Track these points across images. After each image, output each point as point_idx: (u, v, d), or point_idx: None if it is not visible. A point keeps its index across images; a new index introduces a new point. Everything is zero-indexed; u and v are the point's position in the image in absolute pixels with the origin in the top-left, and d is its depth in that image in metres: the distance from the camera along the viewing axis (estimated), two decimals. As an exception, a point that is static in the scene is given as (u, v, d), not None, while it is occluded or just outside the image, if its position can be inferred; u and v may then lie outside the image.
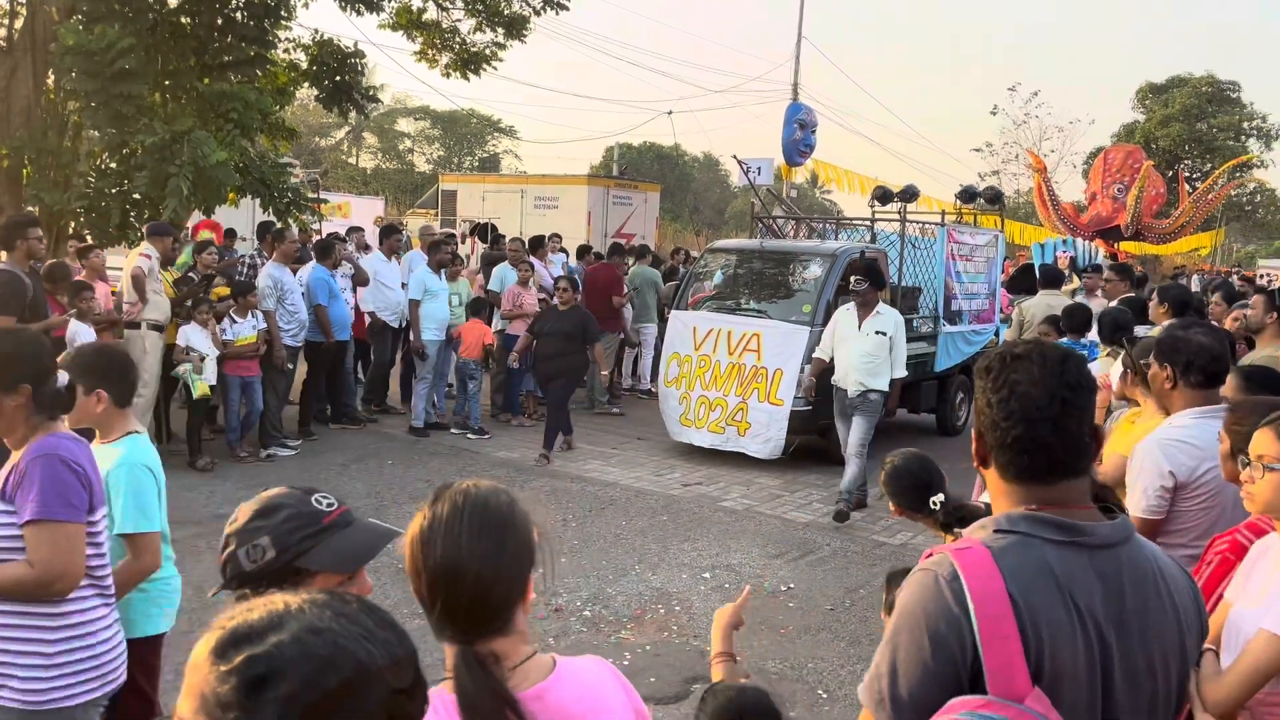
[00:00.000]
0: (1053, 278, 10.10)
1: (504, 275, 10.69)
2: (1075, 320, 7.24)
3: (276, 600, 0.94)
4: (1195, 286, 18.08)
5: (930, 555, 1.62)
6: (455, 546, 1.45)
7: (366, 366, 10.75)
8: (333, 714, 0.88)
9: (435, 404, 10.03)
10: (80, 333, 6.99)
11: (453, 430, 9.68)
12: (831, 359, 7.64)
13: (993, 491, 1.67)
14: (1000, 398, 1.59)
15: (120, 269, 8.04)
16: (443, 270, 9.78)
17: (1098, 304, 8.53)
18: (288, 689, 0.86)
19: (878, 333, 7.34)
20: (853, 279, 7.44)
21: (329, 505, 1.63)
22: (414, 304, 9.52)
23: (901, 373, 7.49)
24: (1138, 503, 3.14)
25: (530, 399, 10.65)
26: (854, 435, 7.43)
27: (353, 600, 0.98)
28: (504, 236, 12.93)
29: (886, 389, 7.43)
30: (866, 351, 7.33)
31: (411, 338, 9.62)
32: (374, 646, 0.92)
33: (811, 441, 9.15)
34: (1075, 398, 1.57)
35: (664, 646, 5.10)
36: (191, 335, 7.89)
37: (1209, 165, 37.49)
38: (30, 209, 9.81)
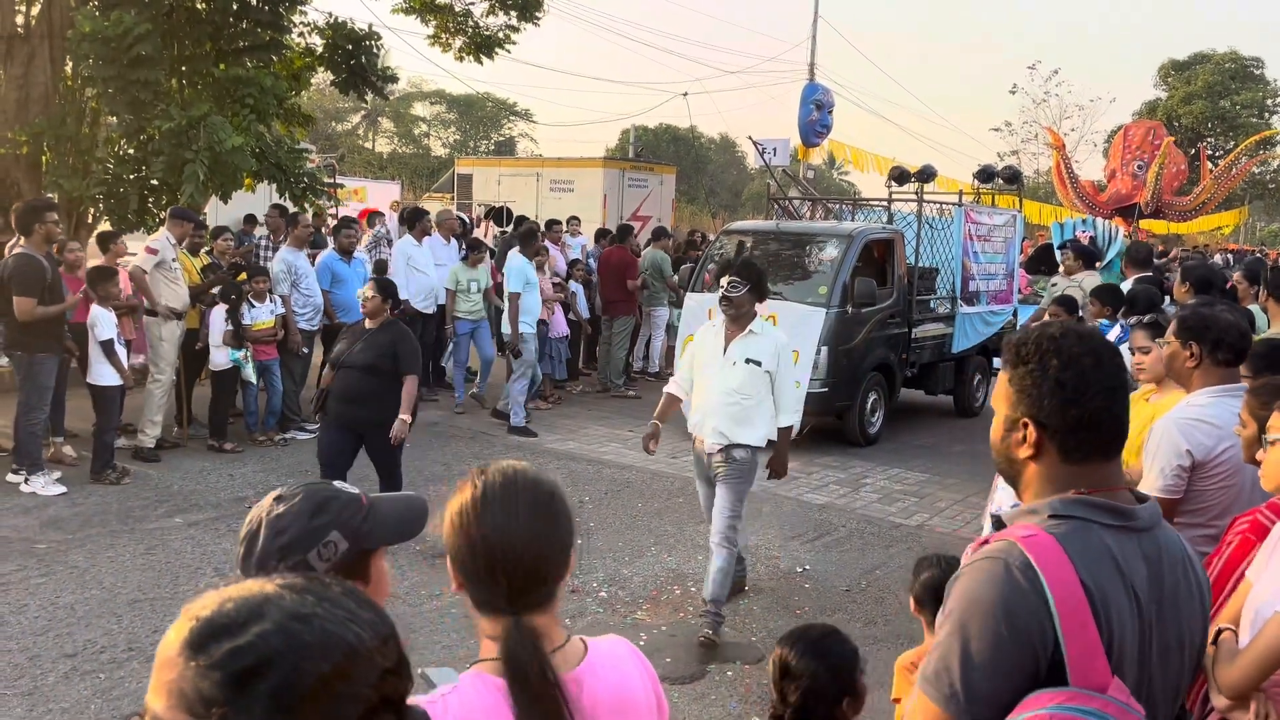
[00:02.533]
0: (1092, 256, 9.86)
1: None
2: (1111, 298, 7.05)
3: (252, 587, 0.91)
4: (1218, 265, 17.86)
5: (985, 543, 1.59)
6: (512, 518, 1.46)
7: None
8: (326, 700, 0.86)
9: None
10: (101, 318, 7.06)
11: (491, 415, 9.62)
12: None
13: (1038, 479, 1.65)
14: (1076, 374, 1.58)
15: (138, 254, 8.10)
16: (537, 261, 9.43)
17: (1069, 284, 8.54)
18: (278, 679, 0.84)
19: (749, 361, 5.03)
20: (725, 280, 5.05)
21: (355, 489, 1.64)
22: (514, 297, 9.03)
23: (791, 419, 5.29)
24: (1154, 482, 3.12)
25: (546, 382, 10.68)
26: (717, 514, 5.05)
27: (332, 583, 0.96)
28: (525, 219, 12.89)
29: (762, 443, 5.12)
30: (731, 388, 5.04)
31: (508, 334, 9.08)
32: (360, 628, 0.90)
33: (828, 423, 9.14)
34: (1124, 376, 1.64)
35: (680, 627, 5.13)
36: (214, 320, 7.97)
37: (1231, 143, 37.01)
38: (49, 195, 9.88)
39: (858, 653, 2.38)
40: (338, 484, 1.64)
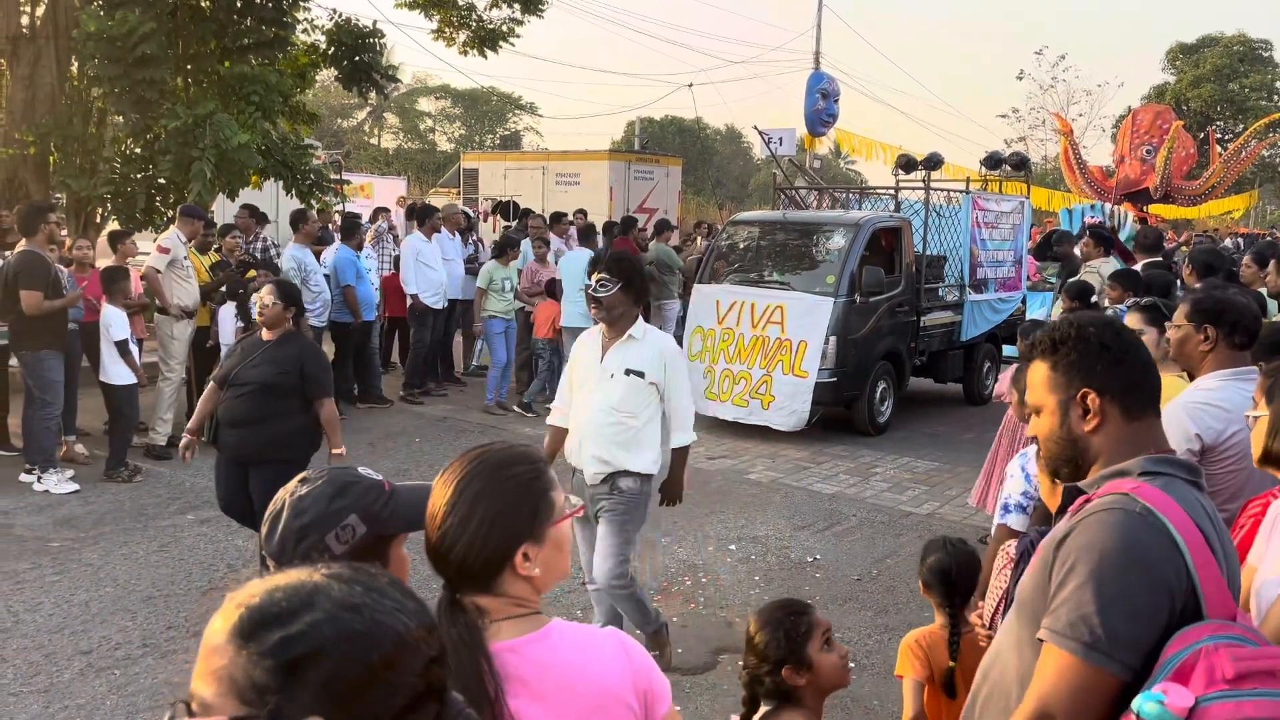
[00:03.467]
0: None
1: (527, 253, 10.69)
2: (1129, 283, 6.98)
3: (299, 576, 0.92)
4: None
5: (1090, 500, 1.65)
6: (434, 505, 1.52)
7: (405, 350, 10.68)
8: (375, 689, 0.87)
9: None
10: (115, 319, 7.07)
11: (516, 410, 9.67)
12: None
13: (1113, 447, 1.74)
14: (1115, 337, 1.76)
15: (149, 254, 8.12)
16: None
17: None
18: (330, 668, 0.85)
19: (629, 373, 4.18)
20: (594, 278, 4.16)
21: (378, 475, 1.67)
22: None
23: (687, 438, 4.36)
24: (1164, 467, 3.11)
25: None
26: (600, 559, 4.20)
27: (378, 573, 0.97)
28: (531, 212, 12.89)
29: (651, 470, 4.26)
30: (610, 405, 4.18)
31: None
32: (407, 618, 0.92)
33: (836, 413, 9.13)
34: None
35: (691, 618, 5.13)
36: (224, 318, 7.98)
37: (1240, 126, 36.77)
38: (58, 195, 9.93)
39: (811, 625, 2.41)
40: (362, 469, 1.67)
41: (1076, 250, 9.67)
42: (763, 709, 2.44)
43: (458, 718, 0.99)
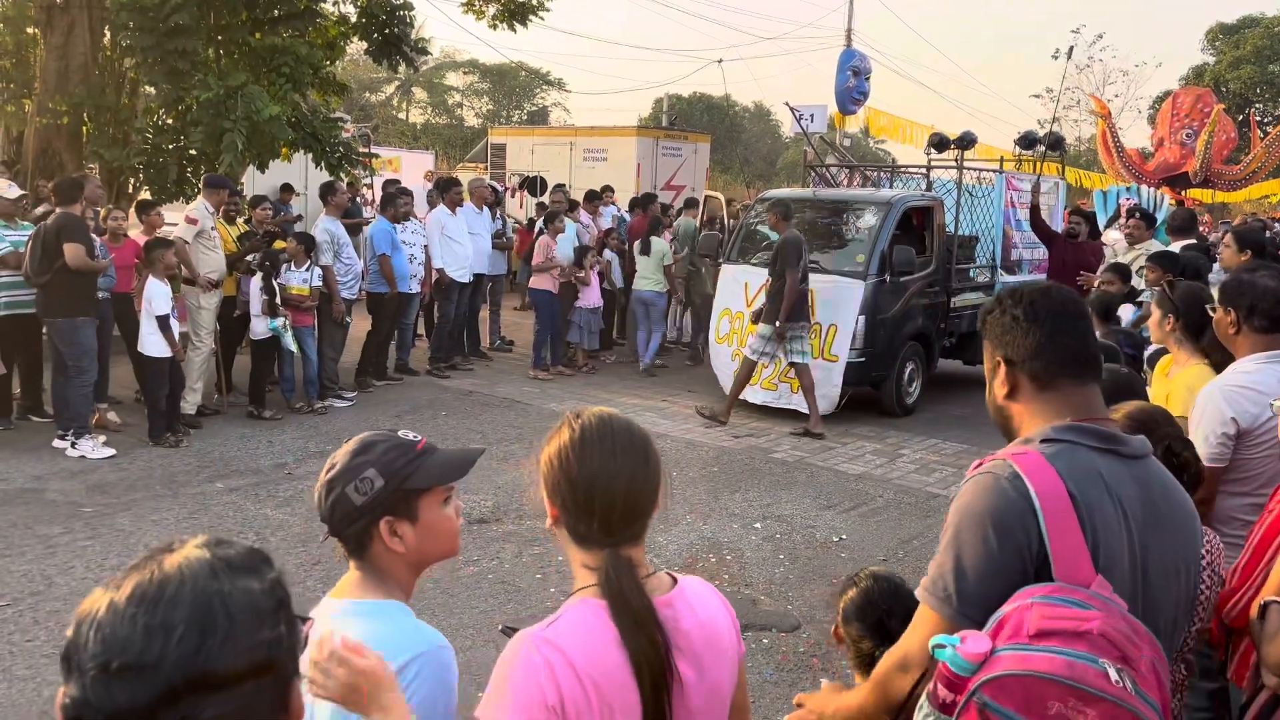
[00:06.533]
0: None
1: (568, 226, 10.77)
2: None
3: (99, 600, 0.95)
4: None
5: (980, 465, 1.70)
6: (609, 458, 1.55)
7: (430, 324, 10.74)
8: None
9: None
10: (158, 292, 7.11)
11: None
12: None
13: (1025, 418, 1.78)
14: (1025, 307, 1.77)
15: (178, 225, 8.16)
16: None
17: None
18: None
19: None
20: None
21: (415, 437, 1.73)
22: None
23: None
24: (1199, 450, 3.06)
25: (579, 351, 10.69)
26: None
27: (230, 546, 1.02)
28: (562, 186, 12.85)
29: None
30: None
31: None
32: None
33: (864, 393, 9.08)
34: (1081, 302, 1.82)
35: (715, 594, 5.13)
36: (252, 289, 8.03)
37: (1282, 108, 36.04)
38: (90, 165, 10.00)
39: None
40: (402, 431, 1.73)
41: (1116, 232, 9.50)
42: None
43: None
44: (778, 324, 8.09)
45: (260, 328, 8.07)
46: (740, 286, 9.20)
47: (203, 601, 0.93)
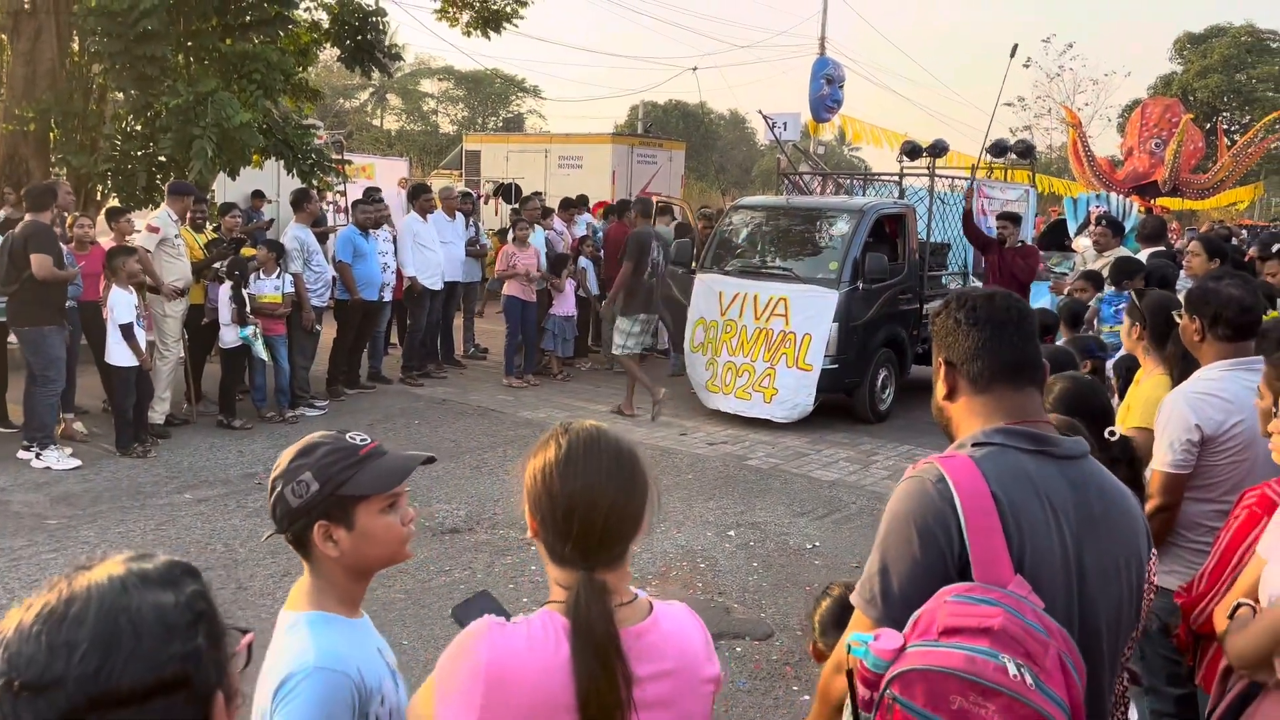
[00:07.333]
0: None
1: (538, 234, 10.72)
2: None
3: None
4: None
5: (915, 468, 1.72)
6: (595, 476, 1.51)
7: (404, 331, 10.64)
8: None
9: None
10: (121, 301, 7.03)
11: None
12: None
13: (963, 420, 1.80)
14: (966, 310, 1.78)
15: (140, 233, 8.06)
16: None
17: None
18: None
19: None
20: None
21: (363, 440, 1.72)
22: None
23: None
24: (1164, 457, 3.09)
25: (554, 358, 10.66)
26: None
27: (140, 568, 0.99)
28: (540, 194, 12.81)
29: None
30: None
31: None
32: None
33: (837, 400, 9.11)
34: (1025, 309, 1.82)
35: (689, 603, 5.08)
36: (221, 297, 7.95)
37: (1248, 117, 36.60)
38: (58, 172, 9.88)
39: None
40: (350, 434, 1.72)
41: (1087, 239, 9.58)
42: None
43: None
44: (636, 314, 8.82)
45: (230, 336, 7.99)
46: (715, 295, 9.21)
47: (108, 618, 0.92)
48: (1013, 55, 10.29)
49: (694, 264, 10.00)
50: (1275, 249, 5.67)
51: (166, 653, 0.93)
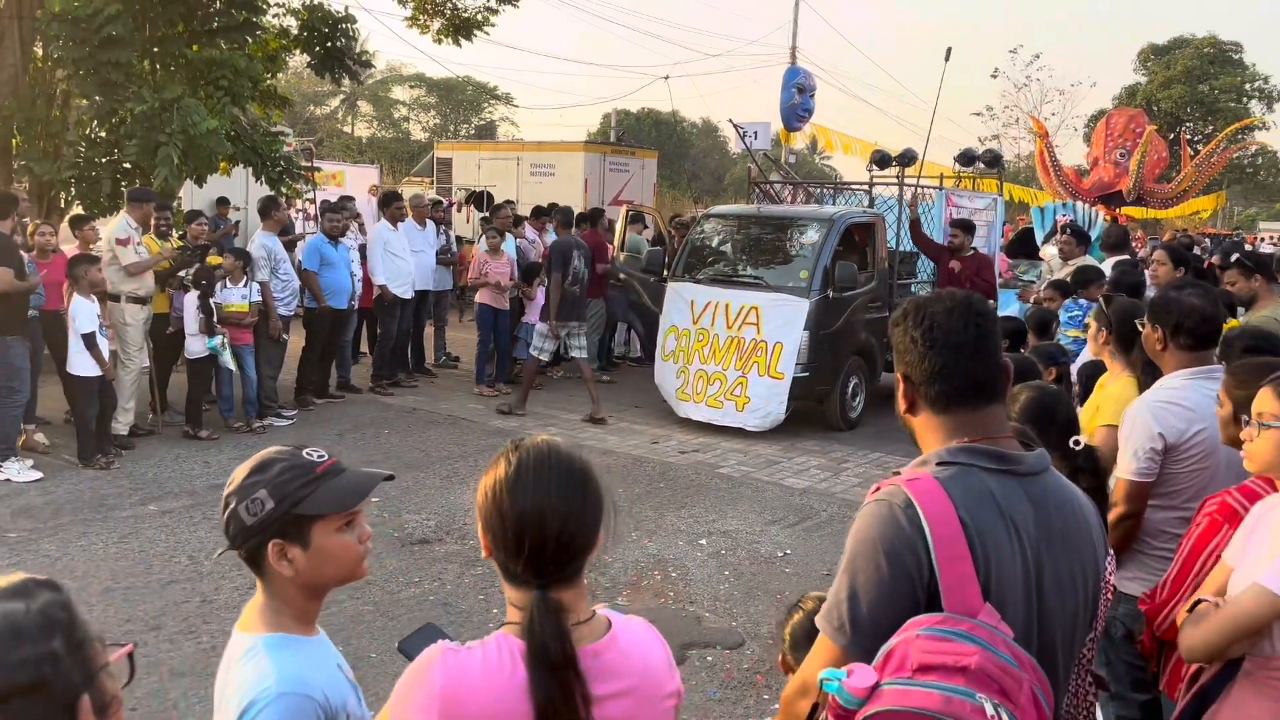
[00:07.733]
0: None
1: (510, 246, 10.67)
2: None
3: None
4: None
5: (879, 489, 1.69)
6: (543, 494, 1.48)
7: (374, 340, 10.53)
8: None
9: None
10: (83, 310, 6.92)
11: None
12: None
13: (924, 434, 1.77)
14: (923, 331, 1.72)
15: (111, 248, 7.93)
16: None
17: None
18: None
19: None
20: None
21: (320, 457, 1.69)
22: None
23: None
24: (1127, 465, 3.12)
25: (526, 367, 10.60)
26: None
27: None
28: (512, 203, 12.76)
29: None
30: None
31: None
32: None
33: (808, 408, 9.13)
34: (986, 324, 1.74)
35: (660, 612, 5.11)
36: (187, 306, 7.85)
37: (1210, 127, 37.25)
38: (20, 180, 9.73)
39: None
40: (307, 450, 1.69)
41: (1053, 248, 9.70)
42: None
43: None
44: (551, 323, 9.04)
45: (197, 346, 7.89)
46: (686, 304, 9.22)
47: None
48: (947, 59, 10.47)
49: (665, 272, 10.01)
50: (1235, 258, 5.73)
51: (17, 656, 0.99)
